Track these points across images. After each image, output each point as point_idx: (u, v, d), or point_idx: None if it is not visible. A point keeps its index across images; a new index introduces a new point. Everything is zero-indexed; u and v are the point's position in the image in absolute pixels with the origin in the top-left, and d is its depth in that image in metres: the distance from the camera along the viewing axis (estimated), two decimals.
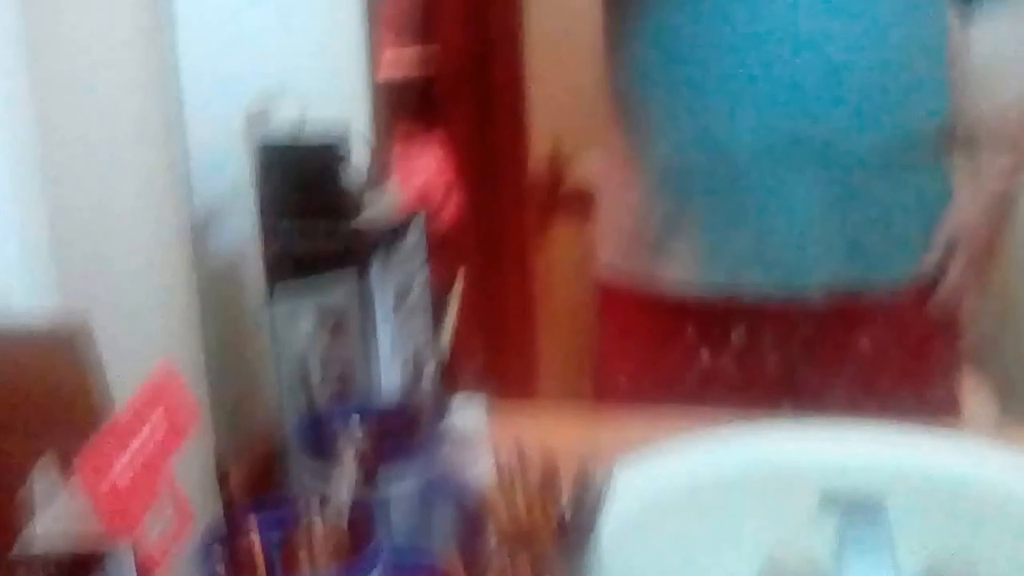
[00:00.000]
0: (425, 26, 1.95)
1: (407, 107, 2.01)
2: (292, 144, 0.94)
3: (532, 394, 1.84)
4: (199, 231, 0.95)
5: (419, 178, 0.94)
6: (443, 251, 1.00)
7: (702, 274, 1.32)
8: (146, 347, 0.83)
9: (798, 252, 1.29)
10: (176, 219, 0.89)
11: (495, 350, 1.93)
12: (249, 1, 1.06)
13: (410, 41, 1.98)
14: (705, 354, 1.36)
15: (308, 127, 0.96)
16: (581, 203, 1.97)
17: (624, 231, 1.39)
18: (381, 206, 0.96)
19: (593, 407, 1.45)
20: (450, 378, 1.04)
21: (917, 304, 1.37)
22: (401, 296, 0.97)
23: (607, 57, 1.39)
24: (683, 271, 1.33)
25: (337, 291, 0.93)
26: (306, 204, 0.94)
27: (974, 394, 2.03)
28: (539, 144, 1.96)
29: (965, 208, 1.37)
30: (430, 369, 0.97)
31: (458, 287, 0.95)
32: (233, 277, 0.98)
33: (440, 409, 0.93)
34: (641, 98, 1.34)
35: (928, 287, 1.38)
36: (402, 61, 1.93)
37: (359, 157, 0.96)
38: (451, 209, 0.95)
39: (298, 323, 0.93)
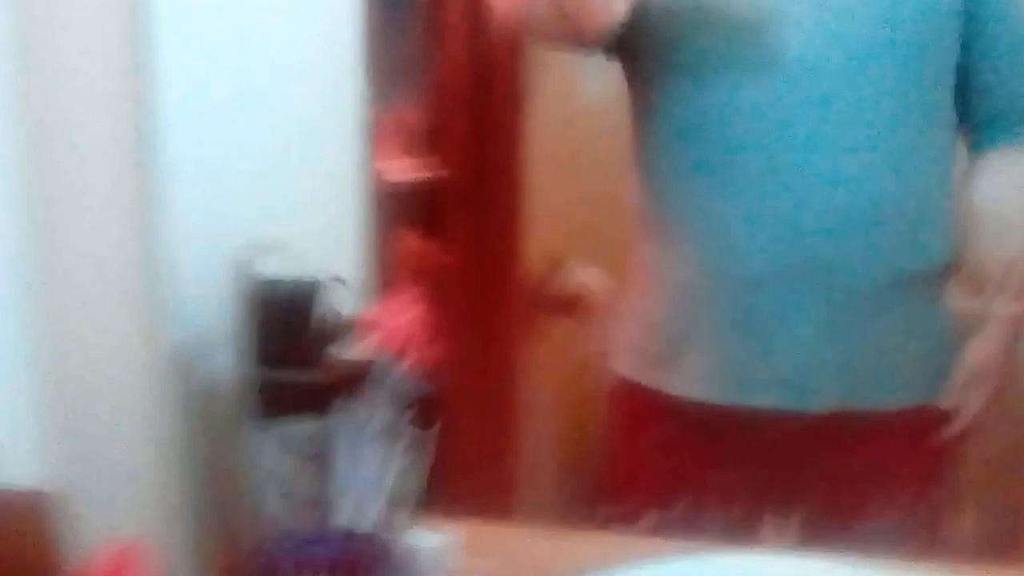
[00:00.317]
0: (429, 139, 2.03)
1: (408, 212, 2.08)
2: (276, 286, 0.99)
3: (510, 508, 1.87)
4: (184, 365, 0.99)
5: (400, 323, 0.98)
6: (423, 392, 1.04)
7: (711, 389, 1.38)
8: (129, 490, 0.87)
9: (802, 373, 1.35)
10: (159, 355, 0.93)
11: (476, 462, 1.96)
12: (244, 134, 1.11)
13: (417, 147, 2.05)
14: (710, 462, 1.41)
15: (293, 268, 1.01)
16: (571, 307, 2.03)
17: (638, 343, 1.46)
18: (358, 347, 1.00)
19: (579, 520, 1.50)
20: (424, 505, 1.07)
21: (915, 427, 1.42)
22: (376, 433, 1.01)
23: (639, 179, 1.48)
24: (693, 385, 1.39)
25: (313, 427, 0.97)
26: (287, 343, 0.99)
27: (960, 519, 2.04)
28: (533, 252, 2.01)
29: (982, 346, 1.42)
30: (400, 503, 1.01)
31: (434, 432, 0.99)
32: (214, 409, 1.02)
33: (408, 540, 0.96)
34: (665, 219, 1.42)
35: (927, 411, 1.43)
36: (405, 169, 2.00)
37: (340, 300, 1.00)
38: (429, 355, 0.99)
39: (275, 457, 0.97)
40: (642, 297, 1.47)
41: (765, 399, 1.36)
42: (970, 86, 1.40)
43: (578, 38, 1.33)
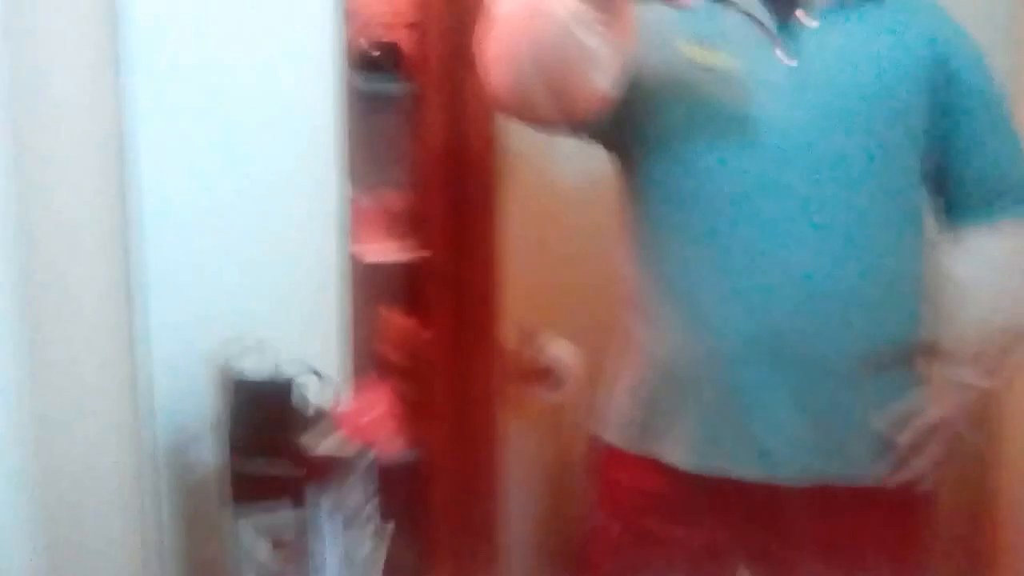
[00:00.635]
0: (409, 222, 2.12)
1: (390, 292, 2.16)
2: (254, 383, 1.07)
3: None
4: (166, 457, 1.06)
5: (369, 417, 1.06)
6: (393, 478, 1.11)
7: (696, 457, 1.43)
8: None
9: (778, 447, 1.40)
10: (143, 447, 1.00)
11: (457, 538, 2.03)
12: (226, 230, 1.17)
13: (398, 229, 2.14)
14: (693, 527, 1.47)
15: (272, 362, 1.08)
16: (544, 379, 2.11)
17: (627, 412, 1.52)
18: (334, 440, 1.08)
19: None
20: None
21: (889, 500, 1.46)
22: (350, 521, 1.08)
23: (626, 256, 1.53)
24: (680, 452, 1.44)
25: (289, 515, 1.04)
26: (266, 436, 1.06)
27: None
28: (509, 327, 2.09)
29: (938, 406, 1.45)
30: None
31: (387, 534, 1.06)
32: (195, 499, 1.09)
33: None
34: (649, 294, 1.48)
35: (905, 487, 1.46)
36: (386, 251, 2.09)
37: (316, 392, 1.08)
38: (396, 445, 1.07)
39: (255, 546, 1.04)
40: (630, 367, 1.53)
41: (745, 470, 1.41)
42: (942, 166, 1.45)
43: (570, 119, 1.37)
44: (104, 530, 0.95)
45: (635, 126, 1.44)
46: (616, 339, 1.58)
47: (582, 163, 1.55)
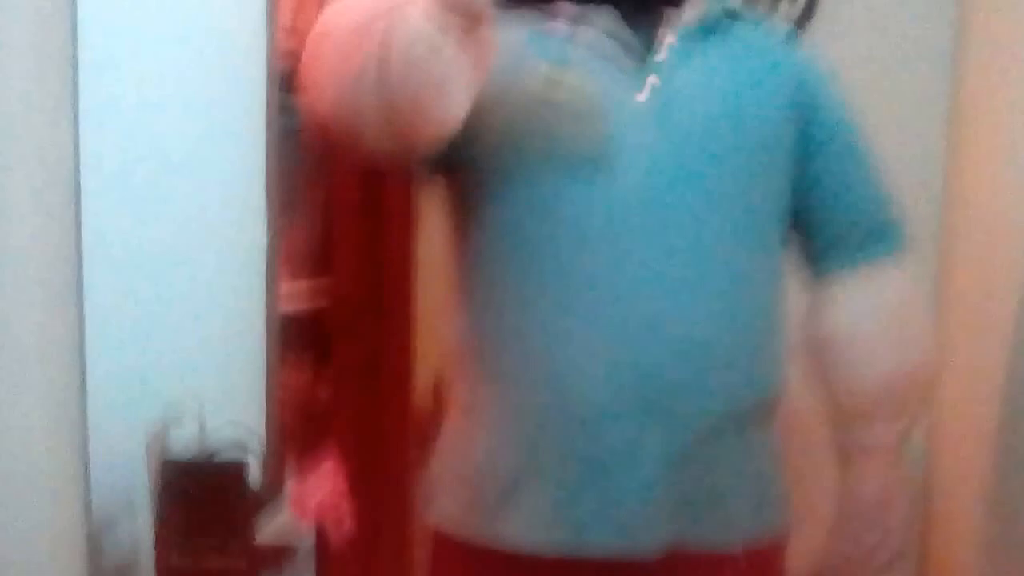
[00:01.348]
0: (320, 259, 2.00)
1: (301, 339, 2.04)
2: (191, 462, 0.95)
3: None
4: (96, 539, 0.94)
5: (314, 494, 0.95)
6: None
7: (545, 533, 1.30)
8: None
9: (641, 511, 1.29)
10: (74, 530, 0.88)
11: None
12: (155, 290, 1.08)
13: (307, 274, 2.02)
14: None
15: (207, 440, 0.97)
16: None
17: (458, 490, 1.37)
18: (276, 523, 0.97)
19: None
20: None
21: (751, 565, 1.38)
22: None
23: (458, 307, 1.39)
24: (525, 530, 1.31)
25: None
26: (202, 520, 0.94)
27: None
28: (424, 375, 1.99)
29: (869, 482, 1.39)
30: None
31: None
32: None
33: None
34: (490, 351, 1.34)
35: (760, 550, 1.39)
36: (299, 294, 1.96)
37: (256, 474, 0.97)
38: (345, 523, 0.97)
39: None
40: (464, 439, 1.38)
41: (601, 544, 1.29)
42: (809, 211, 1.40)
43: (407, 147, 1.22)
44: None
45: (477, 155, 1.30)
46: (446, 412, 1.43)
47: None
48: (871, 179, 1.43)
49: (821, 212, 1.41)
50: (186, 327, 1.09)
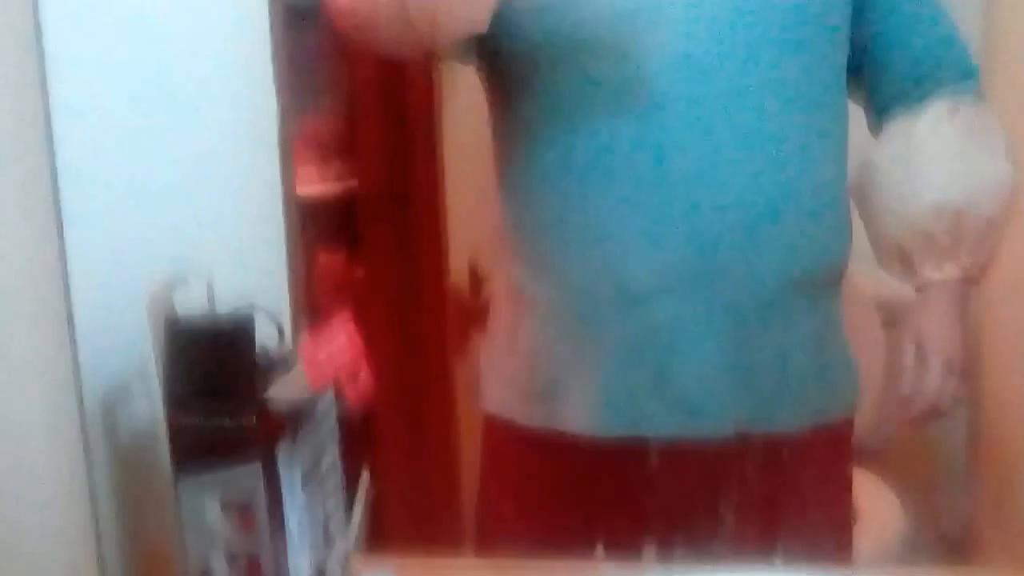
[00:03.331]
0: (345, 143, 1.95)
1: (328, 224, 2.00)
2: (198, 322, 0.92)
3: (452, 540, 1.81)
4: (101, 413, 0.92)
5: (328, 354, 0.91)
6: (355, 425, 0.98)
7: (600, 420, 1.27)
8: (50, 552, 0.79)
9: (698, 392, 1.25)
10: (73, 406, 0.86)
11: (419, 489, 1.90)
12: (150, 156, 1.03)
13: (330, 158, 1.98)
14: (601, 495, 1.31)
15: (215, 301, 0.94)
16: None
17: (516, 378, 1.34)
18: (289, 385, 0.93)
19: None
20: (365, 545, 1.02)
21: (820, 445, 1.35)
22: (310, 476, 0.95)
23: (501, 192, 1.35)
24: (580, 418, 1.28)
25: (244, 475, 0.90)
26: (213, 384, 0.91)
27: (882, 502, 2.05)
28: (457, 261, 1.96)
29: (923, 315, 1.34)
30: (339, 545, 0.95)
31: (364, 483, 0.93)
32: (139, 460, 0.95)
33: None
34: (537, 235, 1.30)
35: (830, 429, 1.36)
36: (322, 178, 1.92)
37: (267, 334, 0.94)
38: (362, 386, 0.93)
39: (204, 508, 0.90)
40: (512, 326, 1.34)
41: (658, 428, 1.26)
42: (867, 60, 1.34)
43: (430, 50, 1.21)
44: (29, 506, 0.81)
45: (513, 43, 1.25)
46: (496, 299, 1.39)
47: None
48: (935, 16, 1.36)
49: (882, 60, 1.34)
50: (199, 204, 1.05)
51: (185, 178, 1.05)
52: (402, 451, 1.88)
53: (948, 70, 1.36)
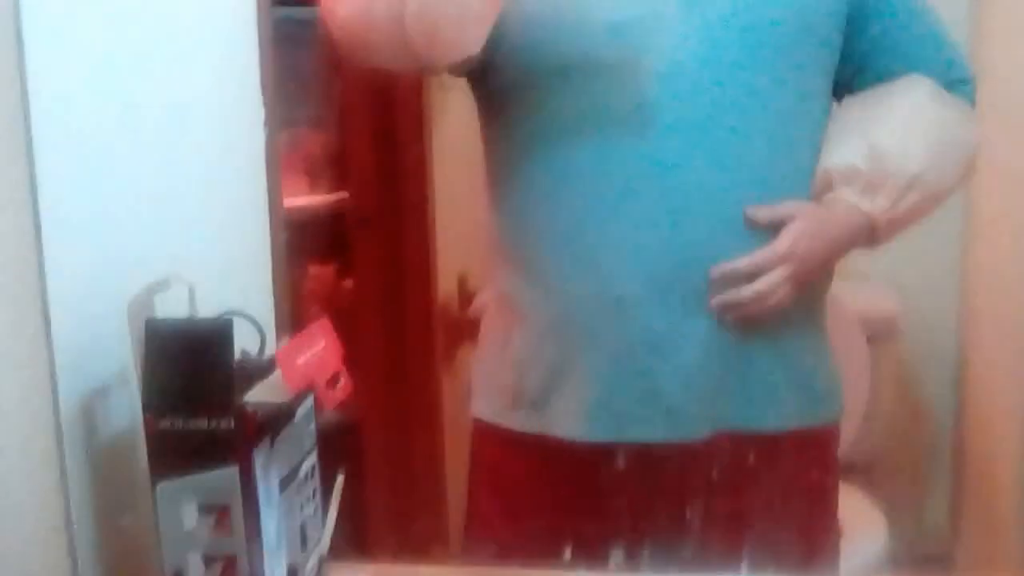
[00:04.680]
0: (336, 157, 1.97)
1: (318, 236, 2.02)
2: (177, 326, 0.93)
3: (431, 548, 1.82)
4: (80, 415, 0.93)
5: (307, 359, 0.93)
6: (334, 430, 0.99)
7: (589, 426, 1.29)
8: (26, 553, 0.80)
9: (686, 399, 1.27)
10: (51, 408, 0.87)
11: (405, 497, 1.91)
12: (136, 166, 1.04)
13: (321, 172, 2.00)
14: (590, 500, 1.33)
15: (196, 305, 0.95)
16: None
17: (506, 384, 1.36)
18: (268, 389, 0.95)
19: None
20: (341, 549, 1.03)
21: (805, 452, 1.37)
22: (288, 480, 0.96)
23: (491, 203, 1.36)
24: (569, 423, 1.30)
25: (221, 478, 0.91)
26: (191, 387, 0.93)
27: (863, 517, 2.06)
28: (445, 277, 1.97)
29: (810, 218, 1.29)
30: (315, 548, 0.96)
31: (338, 487, 0.94)
32: (116, 462, 0.96)
33: None
34: (528, 244, 1.32)
35: (815, 436, 1.38)
36: (313, 191, 1.94)
37: (247, 338, 0.95)
38: (341, 391, 0.95)
39: (181, 511, 0.91)
40: (503, 332, 1.36)
41: (646, 434, 1.28)
42: (854, 68, 1.35)
43: (423, 69, 1.21)
44: (4, 509, 0.82)
45: (506, 58, 1.28)
46: (487, 308, 1.42)
47: None
48: (925, 20, 1.38)
49: (879, 68, 1.36)
50: (183, 213, 1.06)
51: (169, 188, 1.07)
52: (389, 459, 1.89)
53: (943, 79, 1.38)
